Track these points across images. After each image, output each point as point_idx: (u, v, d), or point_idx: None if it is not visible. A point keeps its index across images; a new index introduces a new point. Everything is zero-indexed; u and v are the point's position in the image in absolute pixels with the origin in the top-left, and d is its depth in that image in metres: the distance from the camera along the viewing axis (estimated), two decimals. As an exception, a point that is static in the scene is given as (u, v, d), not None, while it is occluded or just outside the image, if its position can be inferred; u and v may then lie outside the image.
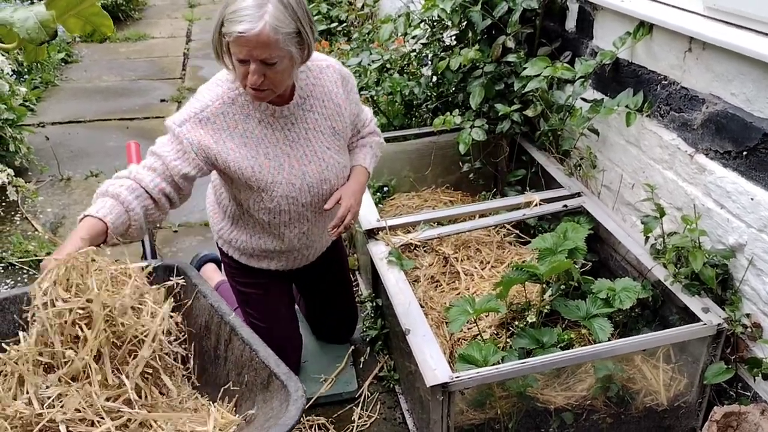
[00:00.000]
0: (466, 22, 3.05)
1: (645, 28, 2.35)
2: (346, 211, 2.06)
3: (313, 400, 2.33)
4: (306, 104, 2.03)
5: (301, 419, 2.28)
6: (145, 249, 2.25)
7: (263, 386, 1.46)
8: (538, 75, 2.66)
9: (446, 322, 2.27)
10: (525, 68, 2.72)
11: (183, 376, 1.84)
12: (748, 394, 2.02)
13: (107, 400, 1.47)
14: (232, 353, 1.62)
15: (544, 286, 2.32)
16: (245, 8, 1.71)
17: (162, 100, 5.50)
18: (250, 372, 1.52)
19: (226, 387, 1.62)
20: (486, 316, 2.34)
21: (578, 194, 2.70)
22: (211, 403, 1.60)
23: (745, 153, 1.96)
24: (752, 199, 1.94)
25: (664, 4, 2.31)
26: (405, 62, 3.58)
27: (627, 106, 2.40)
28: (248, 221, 2.14)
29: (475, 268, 2.57)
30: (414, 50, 3.56)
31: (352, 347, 2.57)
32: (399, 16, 3.12)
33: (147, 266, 1.79)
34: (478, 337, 2.22)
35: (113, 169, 3.97)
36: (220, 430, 1.48)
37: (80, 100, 5.49)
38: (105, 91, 5.74)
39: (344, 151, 2.16)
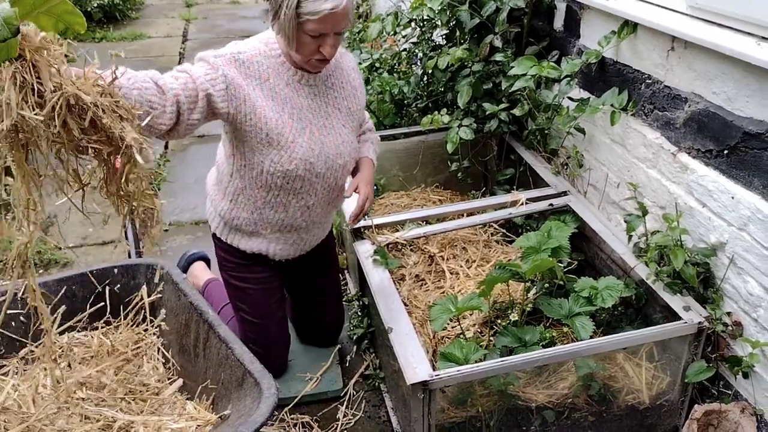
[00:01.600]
0: (454, 22, 3.05)
1: (629, 27, 2.36)
2: (365, 198, 2.20)
3: (297, 398, 2.33)
4: (329, 81, 2.12)
5: (285, 417, 2.29)
6: (129, 247, 2.26)
7: (238, 384, 1.46)
8: (525, 74, 2.66)
9: (430, 321, 2.28)
10: (512, 67, 2.72)
11: (164, 374, 1.86)
12: (730, 392, 2.02)
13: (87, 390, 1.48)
14: (209, 351, 1.62)
15: (528, 284, 2.33)
16: None
17: (156, 100, 5.51)
18: (226, 370, 1.53)
19: (204, 385, 1.62)
20: (470, 315, 2.34)
21: (565, 193, 2.70)
22: (189, 401, 1.61)
23: (726, 152, 1.97)
24: (733, 197, 1.94)
25: (649, 2, 2.31)
26: (395, 61, 3.58)
27: (612, 105, 2.41)
28: (250, 195, 2.12)
29: (461, 266, 2.57)
30: (405, 49, 3.57)
31: (338, 346, 2.58)
32: (387, 15, 3.12)
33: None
34: (462, 335, 2.22)
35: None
36: (197, 428, 1.49)
37: (75, 100, 5.49)
38: (100, 91, 5.74)
39: (356, 134, 2.24)
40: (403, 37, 3.49)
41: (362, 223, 2.53)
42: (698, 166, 2.08)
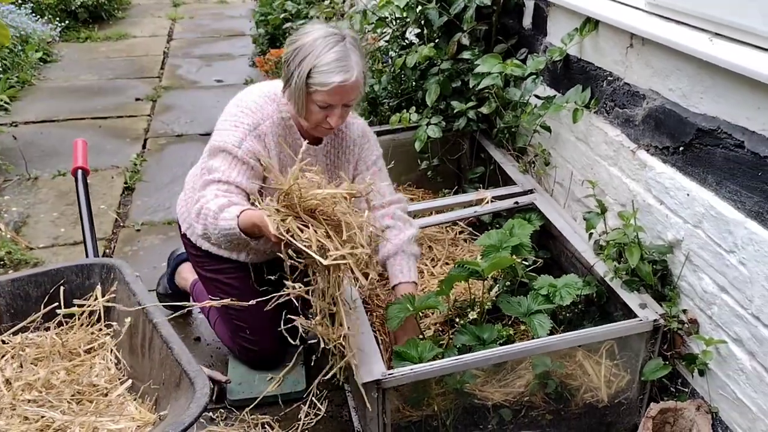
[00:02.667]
0: (423, 20, 3.04)
1: (591, 24, 2.35)
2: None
3: (259, 399, 2.32)
4: (329, 155, 2.23)
5: (246, 418, 2.28)
6: (86, 247, 2.23)
7: (176, 384, 1.45)
8: (491, 72, 2.65)
9: (386, 319, 2.27)
10: (478, 65, 2.71)
11: (115, 375, 1.84)
12: (687, 390, 2.02)
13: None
14: (153, 351, 1.61)
15: (491, 282, 2.32)
16: (338, 60, 1.91)
17: (137, 99, 5.49)
18: (166, 370, 1.52)
19: (147, 385, 1.61)
20: (431, 314, 2.34)
21: (531, 191, 2.69)
22: (132, 401, 1.60)
23: (681, 148, 1.96)
24: (688, 194, 1.93)
25: (609, -1, 2.31)
26: (370, 60, 3.57)
27: (575, 103, 2.40)
28: None
29: (426, 265, 2.56)
30: (379, 48, 3.56)
31: (302, 346, 2.56)
32: (356, 14, 3.11)
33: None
34: (420, 334, 2.21)
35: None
36: (136, 428, 1.48)
37: (56, 100, 5.48)
38: (81, 91, 5.72)
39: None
40: (378, 34, 3.48)
41: None
42: (656, 163, 2.07)
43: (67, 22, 7.53)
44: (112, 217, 3.62)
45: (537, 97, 2.66)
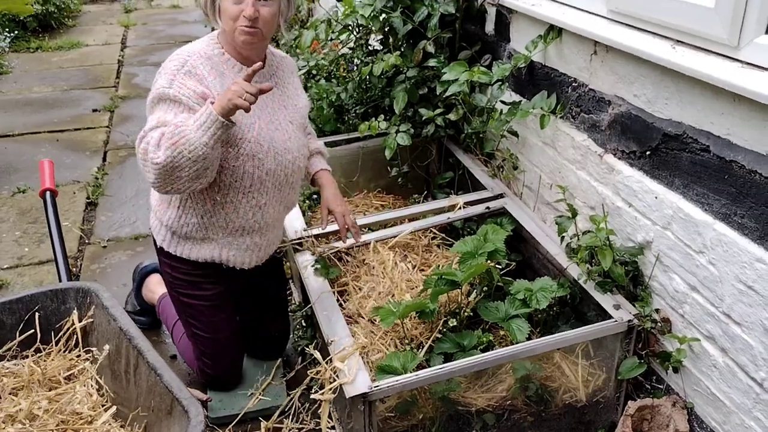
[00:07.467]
0: (388, 28, 3.06)
1: (555, 31, 2.40)
2: (342, 218, 2.34)
3: (240, 415, 2.31)
4: (272, 79, 2.17)
5: (229, 435, 2.27)
6: (59, 270, 2.20)
7: (167, 412, 1.44)
8: (458, 79, 2.68)
9: (372, 331, 2.29)
10: (445, 73, 2.74)
11: (98, 401, 1.82)
12: (662, 386, 2.08)
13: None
14: (140, 377, 1.60)
15: (468, 287, 2.35)
16: None
17: (94, 110, 5.39)
18: (155, 397, 1.51)
19: (136, 412, 1.60)
20: (410, 319, 2.36)
21: (501, 195, 2.74)
22: (119, 428, 1.58)
23: (648, 153, 2.02)
24: (656, 197, 1.99)
25: (571, 7, 2.36)
26: (333, 67, 3.58)
27: (541, 109, 2.45)
28: (199, 198, 2.09)
29: (402, 272, 2.58)
30: (343, 55, 3.56)
31: (281, 359, 2.56)
32: (321, 23, 3.12)
33: None
34: (400, 342, 2.24)
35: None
36: (127, 457, 1.46)
37: (9, 113, 5.34)
38: (36, 103, 5.59)
39: (302, 131, 2.28)
40: (341, 41, 3.48)
41: (301, 234, 2.53)
42: (623, 167, 2.13)
43: (16, 32, 7.34)
44: (76, 234, 3.55)
45: (503, 102, 2.70)
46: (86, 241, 3.52)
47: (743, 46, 1.69)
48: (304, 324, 2.68)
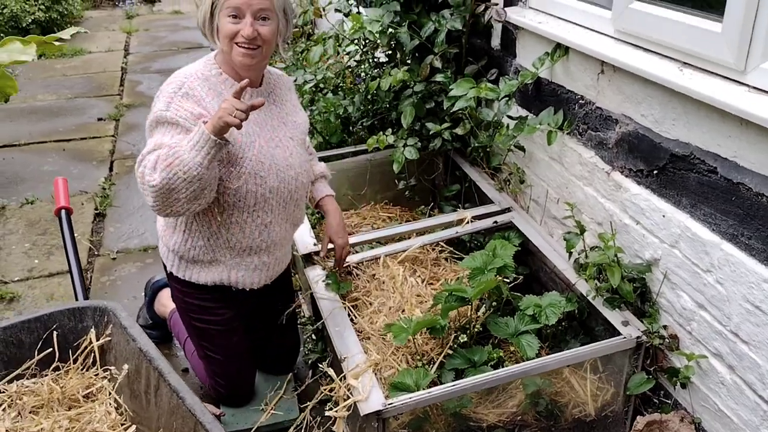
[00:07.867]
0: (395, 43, 3.09)
1: (561, 49, 2.43)
2: (341, 251, 2.43)
3: (253, 430, 2.34)
4: (270, 96, 2.19)
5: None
6: (75, 288, 2.23)
7: (190, 434, 1.48)
8: (465, 95, 2.72)
9: (383, 346, 2.32)
10: (452, 88, 2.77)
11: (117, 420, 1.85)
12: (669, 401, 2.12)
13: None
14: (161, 398, 1.63)
15: (477, 302, 2.39)
16: None
17: (99, 119, 5.42)
18: (178, 419, 1.54)
19: (157, 432, 1.63)
20: (420, 335, 2.39)
21: (508, 209, 2.77)
22: (142, 450, 1.62)
23: (655, 172, 2.06)
24: (664, 216, 2.03)
25: (579, 26, 2.40)
26: (340, 80, 3.61)
27: (549, 125, 2.48)
28: (204, 220, 2.10)
29: (412, 287, 2.61)
30: (349, 67, 3.60)
31: (291, 374, 2.59)
32: (329, 38, 3.15)
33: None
34: (411, 358, 2.27)
35: (50, 195, 3.93)
36: (150, 478, 1.50)
37: (15, 122, 5.37)
38: (41, 111, 5.62)
39: (303, 148, 2.28)
40: (347, 54, 3.51)
41: (311, 248, 2.57)
42: (631, 185, 2.17)
43: (19, 39, 7.37)
44: (86, 246, 3.58)
45: (509, 117, 2.74)
46: (96, 253, 3.55)
47: (750, 71, 1.72)
48: (314, 337, 2.71)
